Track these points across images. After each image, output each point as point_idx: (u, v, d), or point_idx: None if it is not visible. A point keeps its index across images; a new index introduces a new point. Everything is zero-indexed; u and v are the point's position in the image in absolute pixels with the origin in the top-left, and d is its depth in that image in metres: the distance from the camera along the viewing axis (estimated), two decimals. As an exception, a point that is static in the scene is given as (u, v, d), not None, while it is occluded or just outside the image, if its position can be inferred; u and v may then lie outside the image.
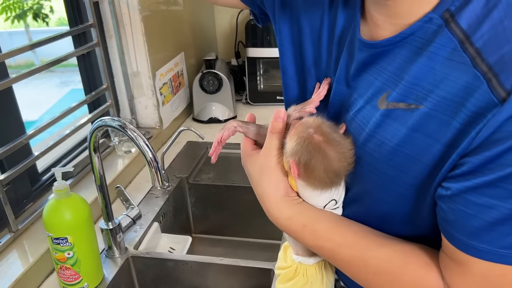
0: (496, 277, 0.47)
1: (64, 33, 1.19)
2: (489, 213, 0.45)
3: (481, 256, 0.47)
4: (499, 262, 0.46)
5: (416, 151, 0.49)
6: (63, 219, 0.84)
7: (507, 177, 0.43)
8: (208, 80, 1.68)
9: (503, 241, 0.45)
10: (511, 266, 0.46)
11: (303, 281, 0.65)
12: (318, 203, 0.59)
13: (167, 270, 1.03)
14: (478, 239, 0.47)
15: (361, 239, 0.57)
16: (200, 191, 1.37)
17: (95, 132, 0.89)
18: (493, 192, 0.44)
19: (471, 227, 0.47)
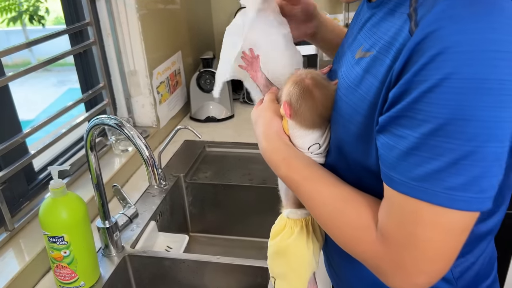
0: (411, 214, 0.49)
1: (61, 31, 1.18)
2: (403, 142, 0.48)
3: (396, 187, 0.49)
4: (410, 195, 0.48)
5: (365, 90, 0.55)
6: (60, 217, 0.84)
7: (413, 103, 0.46)
8: (205, 79, 1.68)
9: (413, 172, 0.47)
10: (422, 202, 0.47)
11: (289, 233, 0.71)
12: (304, 143, 0.67)
13: (164, 269, 1.03)
14: (395, 170, 0.49)
15: (322, 178, 0.63)
16: (197, 190, 1.37)
17: (91, 131, 0.89)
18: (405, 121, 0.47)
19: (391, 158, 0.50)
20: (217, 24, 2.12)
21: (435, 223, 0.48)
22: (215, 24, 2.12)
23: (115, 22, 1.34)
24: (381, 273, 0.54)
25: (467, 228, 0.48)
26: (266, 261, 0.97)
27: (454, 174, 0.45)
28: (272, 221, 0.92)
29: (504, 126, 0.44)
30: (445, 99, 0.44)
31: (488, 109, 0.43)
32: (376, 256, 0.54)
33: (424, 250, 0.49)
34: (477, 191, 0.45)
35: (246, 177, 1.39)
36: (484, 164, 0.45)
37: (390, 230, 0.52)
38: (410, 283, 0.52)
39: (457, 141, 0.44)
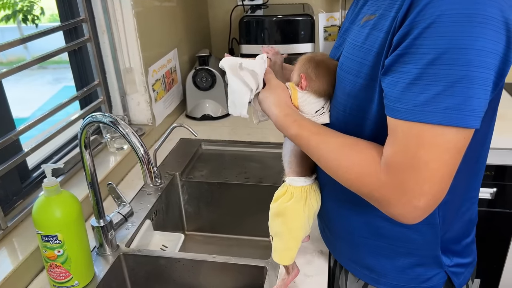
0: (414, 138, 0.56)
1: (55, 27, 1.17)
2: (406, 76, 0.57)
3: (401, 116, 0.57)
4: (414, 120, 0.56)
5: (371, 44, 0.65)
6: (53, 216, 0.83)
7: (415, 39, 0.55)
8: (201, 76, 1.67)
9: (416, 99, 0.56)
10: (424, 124, 0.55)
11: (289, 197, 0.82)
12: (312, 109, 0.78)
13: (159, 268, 1.02)
14: (400, 101, 0.57)
15: (329, 132, 0.72)
16: (193, 189, 1.36)
17: (86, 128, 0.87)
18: (408, 58, 0.56)
19: (396, 92, 0.58)
20: (213, 22, 2.11)
21: (435, 143, 0.56)
22: (211, 21, 2.11)
23: (110, 19, 1.33)
24: (384, 202, 0.61)
25: (461, 148, 0.57)
26: (262, 259, 0.97)
27: (451, 96, 0.54)
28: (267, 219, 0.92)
29: (490, 56, 0.53)
30: (442, 32, 0.53)
31: (478, 39, 0.52)
32: (380, 185, 0.61)
33: (425, 171, 0.57)
34: (469, 109, 0.54)
35: (242, 176, 1.38)
36: (475, 86, 0.53)
37: (394, 158, 0.59)
38: (411, 207, 0.59)
39: (453, 67, 0.53)
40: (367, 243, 0.79)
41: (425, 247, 0.75)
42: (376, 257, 0.79)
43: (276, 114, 0.76)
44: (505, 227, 1.63)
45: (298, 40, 1.74)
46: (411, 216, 0.60)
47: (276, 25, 1.74)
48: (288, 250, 0.84)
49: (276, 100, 0.78)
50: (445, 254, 0.77)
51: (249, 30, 1.74)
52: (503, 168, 1.53)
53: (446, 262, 0.77)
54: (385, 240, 0.77)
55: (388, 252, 0.78)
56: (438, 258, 0.77)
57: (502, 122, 1.60)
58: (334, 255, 0.92)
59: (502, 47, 0.54)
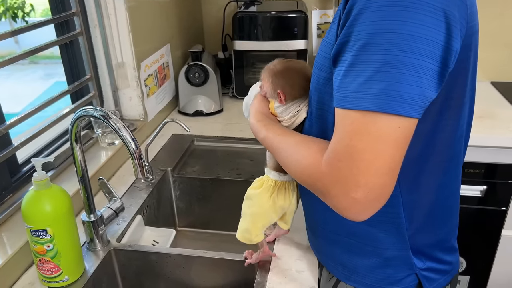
0: (348, 125, 0.56)
1: (46, 20, 1.16)
2: (344, 64, 0.57)
3: (337, 104, 0.58)
4: (346, 107, 0.56)
5: (329, 37, 0.66)
6: (43, 210, 0.82)
7: (349, 27, 0.56)
8: (194, 72, 1.66)
9: (350, 87, 0.55)
10: (355, 111, 0.55)
11: (259, 185, 0.88)
12: (291, 112, 0.81)
13: (150, 263, 1.02)
14: (339, 90, 0.58)
15: (290, 133, 0.74)
16: (185, 184, 1.36)
17: (76, 122, 0.87)
18: (345, 47, 0.57)
19: (337, 82, 0.58)
20: (206, 17, 2.10)
21: (367, 131, 0.54)
22: (204, 17, 2.10)
23: (102, 13, 1.32)
24: (326, 194, 0.60)
25: (398, 139, 0.54)
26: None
27: (378, 81, 0.53)
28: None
29: (423, 42, 0.52)
30: (371, 17, 0.53)
31: (406, 23, 0.51)
32: (320, 176, 0.60)
33: (359, 161, 0.55)
34: (396, 95, 0.52)
35: (235, 172, 1.38)
36: (403, 71, 0.52)
37: (332, 147, 0.59)
38: (350, 199, 0.57)
39: (380, 51, 0.53)
40: (340, 240, 0.80)
41: (393, 247, 0.75)
42: (348, 254, 0.79)
43: (251, 122, 0.82)
44: (495, 225, 1.65)
45: (292, 36, 1.74)
46: (353, 210, 0.58)
47: (270, 21, 1.73)
48: (246, 232, 0.89)
49: (253, 110, 0.84)
50: (417, 256, 0.76)
51: (243, 26, 1.74)
52: (493, 166, 1.54)
53: (418, 265, 0.76)
54: (355, 237, 0.77)
55: (358, 250, 0.78)
56: (408, 259, 0.75)
57: (492, 120, 1.62)
58: (313, 249, 0.93)
59: (441, 35, 0.53)
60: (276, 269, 0.92)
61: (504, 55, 1.93)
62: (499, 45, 1.91)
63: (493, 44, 1.90)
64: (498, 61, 1.94)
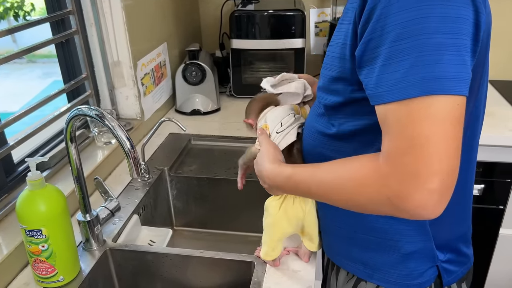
0: (405, 117, 0.54)
1: (42, 18, 1.15)
2: (379, 59, 0.56)
3: (386, 99, 0.56)
4: (399, 99, 0.54)
5: (337, 37, 0.67)
6: (37, 210, 0.82)
7: (377, 22, 0.56)
8: (191, 71, 1.66)
9: (393, 78, 0.55)
10: (409, 100, 0.53)
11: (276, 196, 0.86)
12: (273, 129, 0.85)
13: (147, 263, 1.01)
14: (379, 86, 0.56)
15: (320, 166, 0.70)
16: (182, 184, 1.35)
17: (71, 121, 0.86)
18: (375, 42, 0.56)
19: (374, 79, 0.57)
20: (204, 16, 2.09)
21: (428, 116, 0.53)
22: (202, 16, 2.09)
23: (98, 12, 1.31)
24: (397, 198, 0.56)
25: (458, 117, 0.54)
26: (250, 255, 0.96)
27: (422, 66, 0.53)
28: (257, 215, 0.91)
29: (455, 21, 0.53)
30: (397, 8, 0.54)
31: (435, 7, 0.52)
32: (385, 179, 0.56)
33: (428, 147, 0.53)
34: (444, 76, 0.52)
35: (232, 171, 1.37)
36: (444, 52, 0.53)
37: (392, 145, 0.56)
38: (426, 192, 0.54)
39: (417, 37, 0.53)
40: (357, 237, 0.78)
41: (414, 239, 0.74)
42: (368, 252, 0.78)
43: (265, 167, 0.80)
44: (493, 223, 1.64)
45: (289, 35, 1.73)
46: (430, 203, 0.54)
47: (267, 20, 1.73)
48: (265, 244, 0.89)
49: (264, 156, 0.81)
50: (439, 248, 0.76)
51: (240, 24, 1.73)
52: (491, 165, 1.54)
53: (439, 257, 0.76)
54: (373, 233, 0.76)
55: (377, 247, 0.77)
56: (431, 251, 0.75)
57: (491, 119, 1.61)
58: (327, 252, 0.90)
59: (470, 12, 0.54)
60: (273, 268, 0.92)
61: (503, 54, 1.92)
62: (498, 44, 1.90)
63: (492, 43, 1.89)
64: (496, 60, 1.93)
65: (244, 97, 1.84)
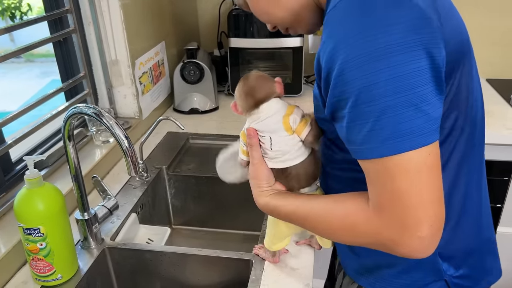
0: (382, 173, 0.56)
1: (39, 17, 1.15)
2: (344, 120, 0.58)
3: (359, 156, 0.58)
4: (370, 157, 0.56)
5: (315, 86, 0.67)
6: (35, 209, 0.82)
7: (334, 88, 0.57)
8: (189, 70, 1.66)
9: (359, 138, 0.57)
10: (380, 159, 0.55)
11: None
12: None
13: (145, 262, 1.01)
14: (350, 143, 0.59)
15: (313, 198, 0.72)
16: (180, 182, 1.35)
17: (69, 120, 0.86)
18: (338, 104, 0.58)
19: (343, 136, 0.60)
20: (202, 15, 2.09)
21: (402, 170, 0.55)
22: (200, 14, 2.09)
23: (96, 11, 1.31)
24: (388, 245, 0.59)
25: (429, 165, 0.55)
26: (248, 253, 0.96)
27: (381, 128, 0.54)
28: (255, 213, 0.91)
29: (407, 77, 0.53)
30: (353, 75, 0.55)
31: (387, 70, 0.53)
32: (378, 229, 0.59)
33: (410, 199, 0.55)
34: (405, 134, 0.54)
35: (230, 170, 1.37)
36: (400, 112, 0.53)
37: (377, 198, 0.58)
38: (416, 239, 0.56)
39: (371, 102, 0.54)
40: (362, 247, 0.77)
41: None
42: (372, 259, 0.77)
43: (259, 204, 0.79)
44: (490, 222, 1.65)
45: (287, 34, 1.73)
46: (421, 249, 0.57)
47: (265, 18, 1.72)
48: (266, 235, 0.90)
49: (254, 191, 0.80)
50: (446, 261, 0.73)
51: (238, 23, 1.73)
52: (488, 163, 1.54)
53: (448, 271, 0.73)
54: None
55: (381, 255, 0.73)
56: (435, 264, 0.73)
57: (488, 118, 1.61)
58: (338, 255, 0.90)
59: (422, 60, 0.54)
60: (271, 266, 0.92)
61: (500, 52, 1.93)
62: (495, 43, 1.91)
63: (489, 42, 1.90)
64: (494, 59, 1.94)
65: (242, 96, 1.84)
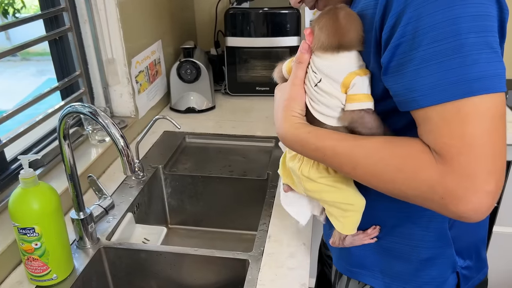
0: (453, 117, 0.52)
1: (35, 15, 1.14)
2: (411, 64, 0.54)
3: (425, 103, 0.54)
4: (441, 102, 0.53)
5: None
6: (30, 208, 0.81)
7: (406, 25, 0.54)
8: (186, 69, 1.65)
9: (430, 81, 0.53)
10: (454, 101, 0.52)
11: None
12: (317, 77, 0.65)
13: (141, 261, 1.01)
14: (415, 90, 0.54)
15: (353, 137, 0.63)
16: (176, 182, 1.35)
17: (64, 119, 0.86)
18: (405, 46, 0.54)
19: (404, 84, 0.55)
20: (198, 14, 2.09)
21: (476, 115, 0.51)
22: (196, 13, 2.09)
23: (92, 9, 1.30)
24: (450, 198, 0.53)
25: (501, 114, 0.53)
26: (244, 253, 0.96)
27: (461, 65, 0.51)
28: (252, 213, 0.91)
29: (483, 19, 0.52)
30: (428, 10, 0.52)
31: (465, 6, 0.51)
32: (441, 176, 0.53)
33: (482, 147, 0.52)
34: (484, 75, 0.51)
35: (227, 169, 1.37)
36: (478, 51, 0.51)
37: (444, 145, 0.53)
38: (482, 193, 0.51)
39: (450, 38, 0.52)
40: (376, 243, 0.76)
41: (434, 245, 0.72)
42: (387, 258, 0.76)
43: (284, 129, 0.68)
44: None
45: (284, 33, 1.73)
46: (485, 206, 0.52)
47: (262, 17, 1.72)
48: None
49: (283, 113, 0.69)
50: (459, 255, 0.73)
51: (235, 22, 1.73)
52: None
53: (459, 263, 0.74)
54: (393, 238, 0.74)
55: (397, 253, 0.74)
56: (452, 257, 0.73)
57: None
58: (337, 264, 0.87)
59: (495, 10, 0.54)
60: (267, 266, 0.92)
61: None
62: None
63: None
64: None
65: (240, 95, 1.84)
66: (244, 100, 1.82)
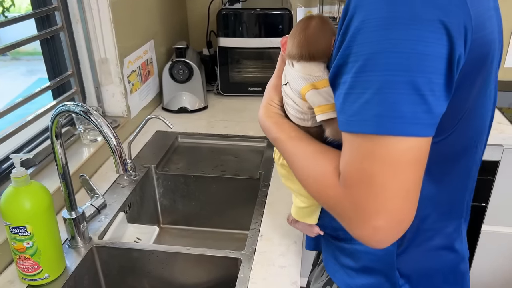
0: (356, 149, 0.53)
1: (26, 15, 1.14)
2: (344, 86, 0.54)
3: (342, 127, 0.55)
4: (350, 131, 0.54)
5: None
6: (22, 207, 0.81)
7: (346, 49, 0.53)
8: (178, 68, 1.65)
9: (351, 109, 0.53)
10: (361, 135, 0.52)
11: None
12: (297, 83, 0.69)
13: (133, 261, 1.01)
14: (341, 112, 0.55)
15: (304, 138, 0.69)
16: (168, 181, 1.35)
17: (56, 118, 0.86)
18: (344, 68, 0.54)
19: (339, 104, 0.56)
20: (191, 14, 2.09)
21: (377, 155, 0.51)
22: (189, 13, 2.09)
23: (84, 8, 1.30)
24: (344, 219, 0.57)
25: (408, 162, 0.51)
26: (236, 251, 0.97)
27: (378, 102, 0.50)
28: (244, 212, 0.91)
29: (421, 58, 0.49)
30: (367, 37, 0.51)
31: (403, 42, 0.49)
32: (338, 200, 0.57)
33: (375, 186, 0.52)
34: (398, 116, 0.50)
35: (219, 169, 1.37)
36: (401, 91, 0.50)
37: (346, 170, 0.55)
38: (370, 227, 0.53)
39: (378, 72, 0.50)
40: (326, 236, 0.81)
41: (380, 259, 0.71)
42: (338, 252, 0.78)
43: (260, 114, 0.78)
44: (475, 220, 1.67)
45: (276, 34, 1.74)
46: (375, 238, 0.54)
47: (254, 18, 1.73)
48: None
49: (264, 100, 0.78)
50: (403, 278, 0.71)
51: (227, 23, 1.74)
52: (474, 163, 1.56)
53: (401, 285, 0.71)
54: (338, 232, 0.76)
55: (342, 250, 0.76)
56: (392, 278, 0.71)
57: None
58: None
59: (443, 48, 0.50)
60: (259, 264, 0.92)
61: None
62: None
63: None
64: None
65: (232, 96, 1.84)
66: (237, 100, 1.82)
